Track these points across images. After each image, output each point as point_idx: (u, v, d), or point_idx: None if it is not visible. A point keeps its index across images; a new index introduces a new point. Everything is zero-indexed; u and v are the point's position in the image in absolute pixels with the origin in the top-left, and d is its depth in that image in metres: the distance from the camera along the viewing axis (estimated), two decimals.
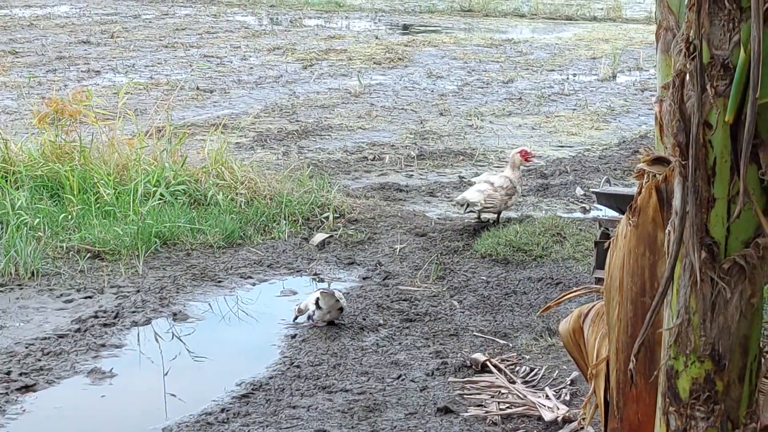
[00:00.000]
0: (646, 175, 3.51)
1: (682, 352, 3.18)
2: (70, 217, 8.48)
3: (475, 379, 6.00)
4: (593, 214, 9.32)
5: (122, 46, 18.83)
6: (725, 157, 2.99)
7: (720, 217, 3.02)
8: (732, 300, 3.10)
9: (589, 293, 4.58)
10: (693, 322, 3.14)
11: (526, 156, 9.00)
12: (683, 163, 3.03)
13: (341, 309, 6.82)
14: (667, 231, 3.12)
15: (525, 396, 5.71)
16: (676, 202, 3.07)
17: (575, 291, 4.55)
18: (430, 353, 6.39)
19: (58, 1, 25.56)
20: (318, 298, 6.76)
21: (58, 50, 18.09)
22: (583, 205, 9.79)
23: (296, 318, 6.93)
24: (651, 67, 17.12)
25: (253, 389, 5.90)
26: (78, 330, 6.70)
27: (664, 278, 3.07)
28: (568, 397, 5.74)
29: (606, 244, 3.81)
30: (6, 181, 9.01)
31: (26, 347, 6.45)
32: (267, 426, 5.45)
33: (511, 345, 6.52)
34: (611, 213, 7.58)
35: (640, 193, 3.55)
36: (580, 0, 29.34)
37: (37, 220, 8.30)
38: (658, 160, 3.44)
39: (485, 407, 5.64)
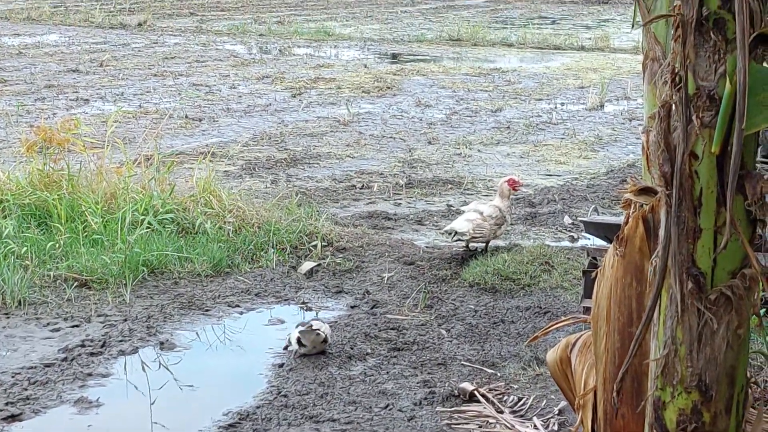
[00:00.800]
0: (632, 205, 3.52)
1: (668, 382, 3.18)
2: (57, 245, 8.46)
3: (462, 408, 5.99)
4: (581, 242, 9.33)
5: (111, 75, 18.84)
6: (711, 188, 3.00)
7: (706, 247, 3.03)
8: (719, 331, 3.10)
9: (577, 323, 4.58)
10: (680, 353, 3.14)
11: (513, 185, 9.02)
12: (669, 193, 3.04)
13: (325, 340, 6.79)
14: (652, 261, 3.12)
15: (513, 426, 5.70)
16: (662, 232, 3.08)
17: (563, 321, 4.55)
18: (417, 382, 6.38)
19: (48, 30, 25.57)
20: (299, 338, 6.75)
21: (47, 79, 18.09)
22: (572, 233, 9.80)
23: (287, 347, 6.91)
24: (639, 96, 17.16)
25: (240, 419, 5.88)
26: (65, 359, 6.68)
27: (648, 308, 3.08)
28: (555, 427, 5.73)
29: (593, 274, 3.81)
30: None
31: (12, 376, 6.42)
32: None
33: (499, 374, 6.52)
34: (599, 242, 7.59)
35: (627, 223, 3.55)
36: (568, 30, 29.46)
37: (25, 248, 8.28)
38: (645, 191, 3.45)
39: None
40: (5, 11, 28.97)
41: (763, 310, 3.57)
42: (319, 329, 6.74)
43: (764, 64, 3.01)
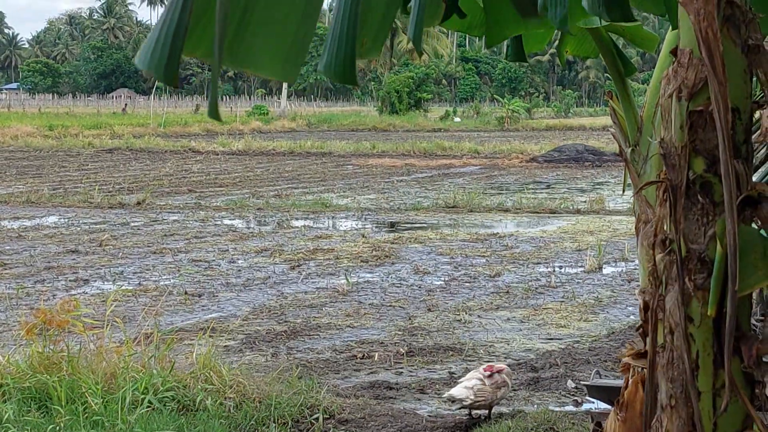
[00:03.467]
0: (632, 369, 3.51)
1: None
2: (57, 428, 8.38)
3: None
4: (585, 407, 9.27)
5: (111, 254, 18.94)
6: (708, 351, 3.00)
7: (706, 410, 3.02)
8: None
9: None
10: None
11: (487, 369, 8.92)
12: (667, 357, 3.04)
13: None
14: (653, 426, 3.11)
15: None
16: (661, 396, 3.07)
17: None
18: None
19: (47, 212, 25.79)
20: None
21: (46, 260, 18.18)
22: (575, 398, 9.74)
23: None
24: (636, 257, 17.23)
25: None
26: None
27: None
28: None
29: None
30: None
31: None
32: None
33: None
34: (604, 405, 7.54)
35: (627, 387, 3.54)
36: (563, 193, 29.76)
37: None
38: (644, 354, 3.45)
39: None
40: (5, 195, 29.28)
41: None
42: None
43: (753, 225, 3.05)
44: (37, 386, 9.06)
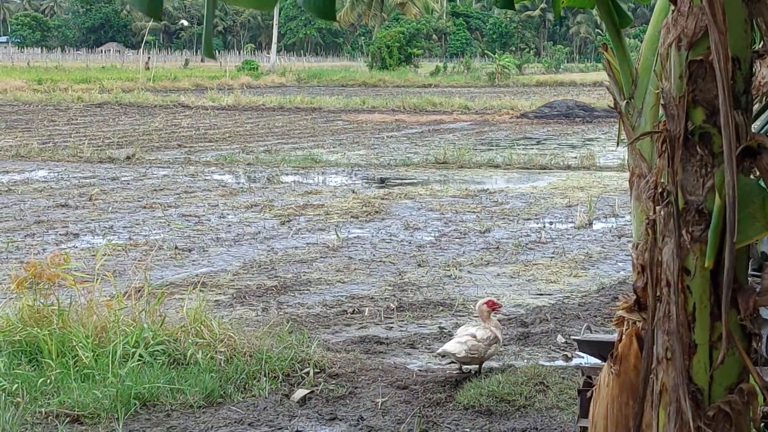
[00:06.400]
0: (626, 323, 3.50)
1: None
2: (48, 381, 8.37)
3: None
4: (575, 361, 9.28)
5: (100, 209, 18.89)
6: (705, 303, 2.98)
7: (702, 363, 3.00)
8: None
9: None
10: None
11: (493, 306, 8.94)
12: (663, 309, 3.02)
13: None
14: (650, 378, 3.09)
15: None
16: (658, 348, 3.05)
17: None
18: None
19: (37, 166, 25.70)
20: None
21: (36, 214, 18.12)
22: (565, 353, 9.76)
23: None
24: (627, 213, 17.24)
25: None
26: None
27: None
28: None
29: (589, 393, 3.77)
30: None
31: None
32: None
33: None
34: (594, 360, 7.53)
35: (620, 340, 3.53)
36: (553, 149, 29.72)
37: (16, 385, 8.20)
38: (639, 307, 3.43)
39: None
40: None
41: (763, 424, 3.53)
42: None
43: (751, 177, 3.02)
44: (28, 339, 9.04)
